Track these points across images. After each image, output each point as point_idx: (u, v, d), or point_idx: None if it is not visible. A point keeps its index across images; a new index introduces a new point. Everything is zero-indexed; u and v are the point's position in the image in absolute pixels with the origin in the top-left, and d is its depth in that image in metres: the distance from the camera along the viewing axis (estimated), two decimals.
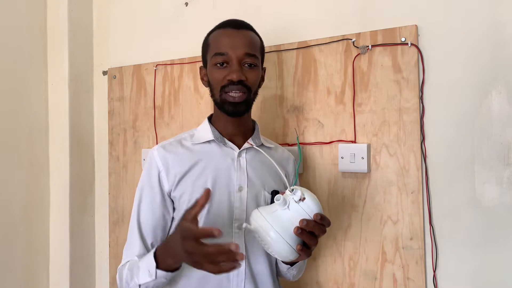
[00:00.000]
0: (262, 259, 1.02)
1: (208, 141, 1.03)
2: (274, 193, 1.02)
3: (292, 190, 0.84)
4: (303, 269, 1.12)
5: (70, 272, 1.67)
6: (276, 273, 1.08)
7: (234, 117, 1.02)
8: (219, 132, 1.04)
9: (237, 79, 0.96)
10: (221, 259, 0.74)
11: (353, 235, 1.23)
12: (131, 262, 0.97)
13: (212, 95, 1.03)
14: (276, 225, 0.82)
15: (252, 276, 1.00)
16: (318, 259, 1.28)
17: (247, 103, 1.01)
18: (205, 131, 1.04)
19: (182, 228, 0.79)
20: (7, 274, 1.56)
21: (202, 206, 0.79)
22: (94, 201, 1.78)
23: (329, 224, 0.85)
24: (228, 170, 1.01)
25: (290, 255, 0.84)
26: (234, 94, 0.97)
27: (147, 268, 0.89)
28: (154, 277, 0.88)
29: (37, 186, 1.68)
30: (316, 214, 0.82)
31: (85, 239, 1.74)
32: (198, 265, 0.77)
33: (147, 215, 1.00)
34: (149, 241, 0.99)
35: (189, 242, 0.76)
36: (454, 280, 1.11)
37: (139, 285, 0.91)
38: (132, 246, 0.99)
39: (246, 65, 0.99)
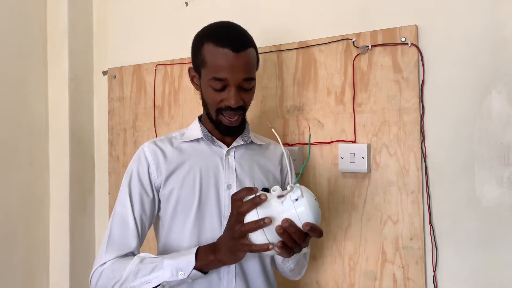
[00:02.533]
0: (251, 257, 1.01)
1: (197, 140, 1.04)
2: (264, 191, 1.00)
3: (292, 187, 0.79)
4: (304, 265, 1.11)
5: (70, 272, 1.67)
6: (268, 272, 1.06)
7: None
8: (209, 130, 1.04)
9: (236, 105, 0.95)
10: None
11: (353, 235, 1.23)
12: (140, 259, 0.93)
13: (205, 108, 1.02)
14: (262, 214, 0.77)
15: (243, 273, 1.00)
16: (318, 259, 1.28)
17: (242, 123, 1.01)
18: (195, 129, 1.05)
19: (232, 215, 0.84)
20: (7, 274, 1.56)
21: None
22: (94, 201, 1.78)
23: (320, 235, 0.78)
24: (216, 168, 1.01)
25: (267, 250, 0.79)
26: (231, 118, 0.97)
27: (177, 267, 0.88)
28: (186, 276, 0.87)
29: (37, 186, 1.68)
30: (306, 223, 0.76)
31: (85, 239, 1.74)
32: (236, 244, 0.82)
33: (138, 208, 0.99)
34: (140, 233, 0.98)
35: (237, 225, 0.81)
36: (454, 280, 1.11)
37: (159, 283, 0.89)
38: (128, 240, 0.96)
39: (244, 87, 0.97)
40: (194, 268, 0.87)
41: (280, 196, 0.79)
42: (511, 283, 1.05)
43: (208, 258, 0.88)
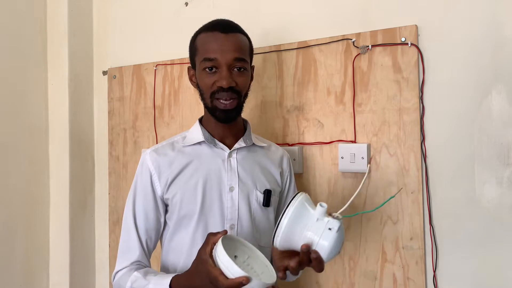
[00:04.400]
0: None
1: (199, 143, 1.04)
2: (267, 192, 1.02)
3: (336, 217, 0.81)
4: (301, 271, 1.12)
5: (70, 272, 1.67)
6: None
7: (225, 124, 1.02)
8: (210, 133, 1.04)
9: (227, 85, 0.95)
10: None
11: (353, 235, 1.22)
12: (135, 278, 0.95)
13: (202, 99, 1.03)
14: (294, 217, 0.79)
15: None
16: None
17: (238, 109, 1.01)
18: (196, 132, 1.05)
19: (211, 276, 0.79)
20: (7, 274, 1.56)
21: (214, 243, 0.81)
22: (94, 201, 1.78)
23: (319, 271, 0.82)
24: (219, 170, 1.02)
25: (275, 244, 0.83)
26: (225, 101, 0.97)
27: None
28: None
29: (37, 186, 1.68)
30: (315, 251, 0.79)
31: (85, 239, 1.74)
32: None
33: (141, 218, 1.01)
34: (144, 243, 1.00)
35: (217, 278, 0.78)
36: (454, 280, 1.11)
37: None
38: (131, 249, 1.00)
39: (236, 69, 0.98)
40: None
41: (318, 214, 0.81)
42: (511, 283, 1.05)
43: None
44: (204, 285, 0.82)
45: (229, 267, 0.76)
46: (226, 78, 0.95)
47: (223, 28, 0.98)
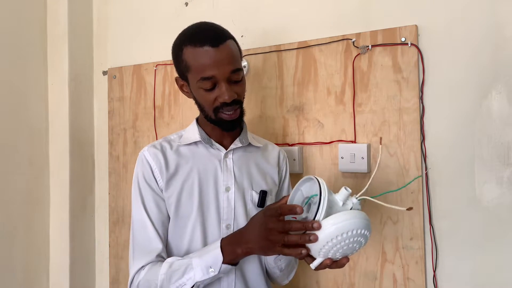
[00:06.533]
0: (252, 258, 1.02)
1: (195, 142, 1.04)
2: (262, 193, 1.02)
3: (359, 199, 0.85)
4: (294, 268, 1.10)
5: (70, 272, 1.67)
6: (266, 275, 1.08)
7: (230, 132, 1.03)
8: (207, 133, 1.04)
9: (230, 99, 0.94)
10: (296, 235, 0.79)
11: None
12: (169, 264, 0.93)
13: (202, 111, 1.01)
14: (325, 206, 0.80)
15: (243, 275, 1.00)
16: None
17: (242, 115, 1.02)
18: (193, 132, 1.05)
19: (267, 209, 0.85)
20: (7, 274, 1.55)
21: (291, 212, 0.81)
22: (94, 201, 1.78)
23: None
24: (215, 171, 1.02)
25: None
26: (231, 113, 0.97)
27: (207, 265, 0.89)
28: (217, 272, 0.88)
29: (37, 186, 1.68)
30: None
31: (85, 239, 1.74)
32: (271, 245, 0.82)
33: (154, 211, 0.99)
34: (162, 235, 0.99)
35: (272, 219, 0.82)
36: (454, 280, 1.11)
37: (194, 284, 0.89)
38: (152, 243, 0.97)
39: (233, 81, 0.96)
40: (223, 263, 0.88)
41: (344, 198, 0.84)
42: (511, 283, 1.05)
43: (236, 251, 0.88)
44: (256, 228, 0.85)
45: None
46: (228, 92, 0.94)
47: (213, 41, 0.92)
